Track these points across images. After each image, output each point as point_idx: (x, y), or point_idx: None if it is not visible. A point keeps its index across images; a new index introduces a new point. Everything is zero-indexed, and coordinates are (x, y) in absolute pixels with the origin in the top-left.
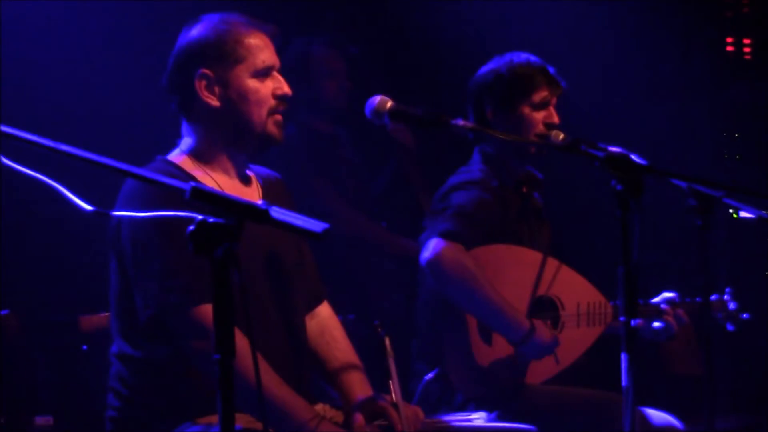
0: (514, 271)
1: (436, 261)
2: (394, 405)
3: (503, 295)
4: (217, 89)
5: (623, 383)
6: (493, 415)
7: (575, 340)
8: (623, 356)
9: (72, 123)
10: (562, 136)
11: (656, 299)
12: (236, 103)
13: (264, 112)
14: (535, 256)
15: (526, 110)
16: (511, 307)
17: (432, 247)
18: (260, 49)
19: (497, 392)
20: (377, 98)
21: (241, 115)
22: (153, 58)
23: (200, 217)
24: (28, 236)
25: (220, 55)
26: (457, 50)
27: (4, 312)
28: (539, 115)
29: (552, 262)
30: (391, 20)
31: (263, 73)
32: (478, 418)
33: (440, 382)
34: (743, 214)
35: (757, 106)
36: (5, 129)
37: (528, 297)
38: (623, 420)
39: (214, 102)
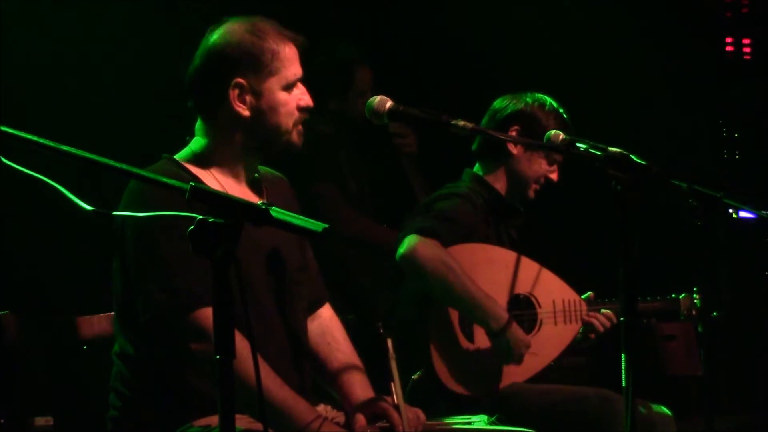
0: (489, 270)
1: (409, 255)
2: (396, 406)
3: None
4: (249, 99)
5: (623, 383)
6: (492, 419)
7: (554, 336)
8: (623, 356)
9: (72, 123)
10: (561, 136)
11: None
12: (266, 114)
13: (290, 123)
14: (510, 256)
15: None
16: (489, 297)
17: (406, 242)
18: (291, 61)
19: (482, 391)
20: (377, 98)
21: (270, 125)
22: (153, 58)
23: (200, 216)
24: (28, 236)
25: (257, 65)
26: (458, 50)
27: (4, 312)
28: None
29: (527, 262)
30: (390, 20)
31: (292, 85)
32: (479, 421)
33: (427, 381)
34: (743, 214)
35: (757, 106)
36: (5, 129)
37: (505, 295)
38: (623, 420)
39: (245, 111)
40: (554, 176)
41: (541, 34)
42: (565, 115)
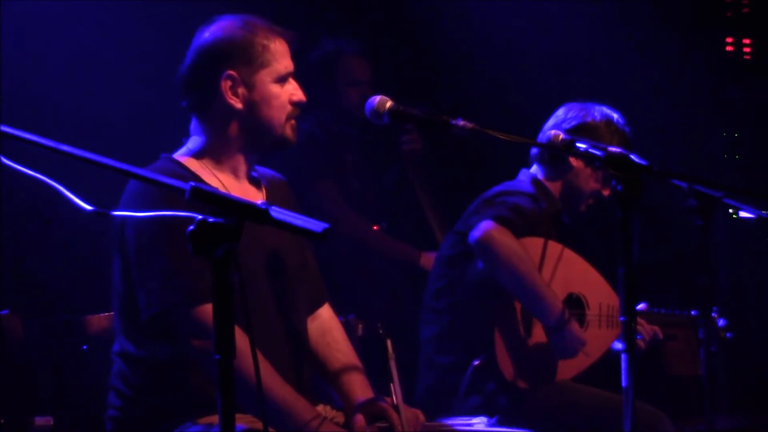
0: (551, 265)
1: (485, 239)
2: (395, 407)
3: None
4: (241, 91)
5: (623, 383)
6: (493, 420)
7: (598, 338)
8: (623, 356)
9: (72, 123)
10: (561, 136)
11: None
12: (259, 106)
13: (283, 116)
14: (569, 254)
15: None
16: (553, 293)
17: (482, 227)
18: (283, 55)
19: (534, 385)
20: (377, 98)
21: (262, 118)
22: (152, 58)
23: (200, 216)
24: (28, 236)
25: (248, 57)
26: (459, 50)
27: (4, 312)
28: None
29: (582, 262)
30: (391, 19)
31: (284, 79)
32: (479, 423)
33: (486, 368)
34: (743, 214)
35: (757, 106)
36: (5, 129)
37: (561, 292)
38: (623, 420)
39: (237, 104)
40: (606, 192)
41: (540, 34)
42: (628, 135)
